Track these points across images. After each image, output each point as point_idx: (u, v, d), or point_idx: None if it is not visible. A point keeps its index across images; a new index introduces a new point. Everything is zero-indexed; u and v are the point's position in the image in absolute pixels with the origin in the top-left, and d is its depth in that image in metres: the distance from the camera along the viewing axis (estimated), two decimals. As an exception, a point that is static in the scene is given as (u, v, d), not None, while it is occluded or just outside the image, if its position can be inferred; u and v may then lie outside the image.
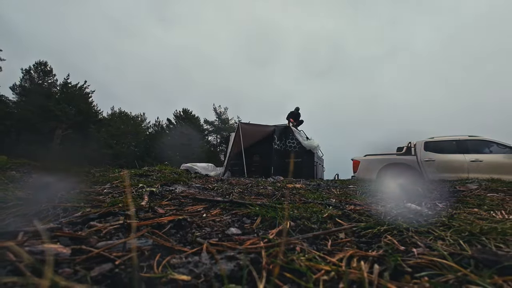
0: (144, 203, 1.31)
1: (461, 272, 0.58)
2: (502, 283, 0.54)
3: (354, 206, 1.47)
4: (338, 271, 0.60)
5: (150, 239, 0.77)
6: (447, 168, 5.40)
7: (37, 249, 0.63)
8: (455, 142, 5.68)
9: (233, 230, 0.94)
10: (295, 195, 2.02)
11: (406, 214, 1.18)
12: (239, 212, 1.24)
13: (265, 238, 0.83)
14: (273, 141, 8.13)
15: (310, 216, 1.14)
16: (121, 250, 0.68)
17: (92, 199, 1.38)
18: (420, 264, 0.64)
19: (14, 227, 0.82)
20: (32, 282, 0.47)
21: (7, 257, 0.56)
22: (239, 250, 0.72)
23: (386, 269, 0.61)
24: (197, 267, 0.61)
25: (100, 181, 2.16)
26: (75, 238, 0.76)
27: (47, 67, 26.83)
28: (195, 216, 1.16)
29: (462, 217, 1.14)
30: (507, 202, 1.61)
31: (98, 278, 0.54)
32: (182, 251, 0.72)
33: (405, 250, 0.75)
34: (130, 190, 1.71)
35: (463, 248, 0.73)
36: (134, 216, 1.06)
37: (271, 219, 1.09)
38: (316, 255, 0.70)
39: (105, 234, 0.83)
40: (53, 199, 1.22)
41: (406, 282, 0.56)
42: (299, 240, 0.82)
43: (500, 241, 0.79)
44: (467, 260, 0.65)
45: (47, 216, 1.03)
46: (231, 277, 0.58)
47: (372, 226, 0.95)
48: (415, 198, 1.81)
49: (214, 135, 35.47)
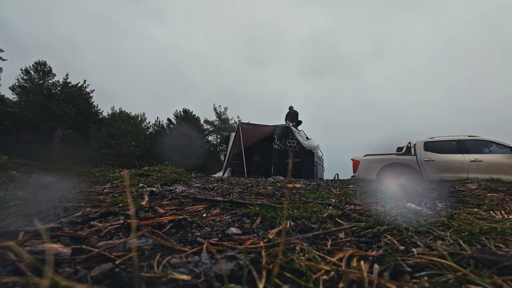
0: (145, 203, 1.31)
1: (460, 272, 0.59)
2: (502, 283, 0.54)
3: (354, 206, 1.47)
4: (338, 271, 0.60)
5: (151, 238, 0.78)
6: (447, 168, 5.40)
7: (38, 249, 0.64)
8: (455, 142, 5.68)
9: (233, 230, 0.94)
10: (295, 195, 2.02)
11: (406, 214, 1.18)
12: (239, 212, 1.24)
13: (265, 237, 0.83)
14: (273, 141, 8.14)
15: (310, 216, 1.14)
16: (122, 250, 0.68)
17: (93, 199, 1.39)
18: (419, 263, 0.64)
19: (15, 226, 0.82)
20: (33, 281, 0.48)
21: (8, 257, 0.56)
22: (239, 250, 0.72)
23: (386, 269, 0.61)
24: (197, 267, 0.61)
25: (101, 181, 2.16)
26: (76, 238, 0.76)
27: (46, 67, 26.86)
28: (195, 215, 1.16)
29: (462, 217, 1.14)
30: (506, 202, 1.61)
31: (98, 278, 0.54)
32: (182, 251, 0.72)
33: (404, 250, 0.75)
34: (130, 190, 1.71)
35: (463, 248, 0.73)
36: (134, 215, 1.07)
37: (271, 219, 1.09)
38: (316, 254, 0.70)
39: (106, 234, 0.83)
40: (54, 199, 1.22)
41: (406, 281, 0.56)
42: (299, 240, 0.82)
43: (499, 241, 0.79)
44: (467, 260, 0.65)
45: (47, 215, 1.03)
46: (231, 277, 0.58)
47: (372, 226, 0.96)
48: (414, 198, 1.81)
49: (214, 135, 35.47)
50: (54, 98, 24.68)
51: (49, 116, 23.19)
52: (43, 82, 26.42)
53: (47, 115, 23.12)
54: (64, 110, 24.11)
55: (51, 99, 24.23)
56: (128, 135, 28.65)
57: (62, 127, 24.06)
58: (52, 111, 23.28)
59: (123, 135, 28.02)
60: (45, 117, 23.03)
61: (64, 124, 24.24)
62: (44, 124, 22.90)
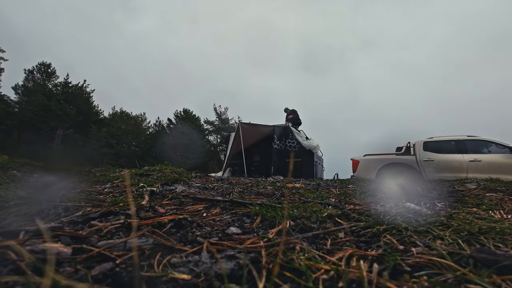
0: (145, 203, 1.32)
1: (460, 272, 0.59)
2: (501, 282, 0.54)
3: (354, 206, 1.47)
4: (337, 270, 0.60)
5: (151, 238, 0.78)
6: (446, 168, 5.42)
7: (38, 248, 0.64)
8: (454, 142, 5.71)
9: (233, 230, 0.95)
10: (294, 195, 2.03)
11: (405, 213, 1.18)
12: (239, 212, 1.24)
13: (265, 237, 0.83)
14: (273, 141, 8.16)
15: (309, 216, 1.14)
16: (122, 249, 0.69)
17: (93, 199, 1.39)
18: (419, 263, 0.65)
19: (16, 226, 0.82)
20: (34, 281, 0.48)
21: (9, 256, 0.57)
22: (239, 249, 0.72)
23: (385, 268, 0.62)
24: (197, 266, 0.61)
25: (101, 181, 2.16)
26: (76, 237, 0.77)
27: (50, 68, 26.96)
28: (195, 215, 1.17)
29: (461, 216, 1.14)
30: (505, 202, 1.61)
31: (99, 277, 0.54)
32: (183, 250, 0.72)
33: (404, 249, 0.75)
34: (130, 190, 1.72)
35: (462, 248, 0.73)
36: (134, 215, 1.07)
37: (271, 219, 1.09)
38: (316, 254, 0.70)
39: (106, 233, 0.83)
40: (54, 199, 1.23)
41: (405, 281, 0.56)
42: (298, 239, 0.82)
43: (498, 241, 0.79)
44: (466, 260, 0.65)
45: (48, 215, 1.04)
46: (231, 276, 0.58)
47: (371, 226, 0.96)
48: (414, 197, 1.81)
49: (214, 135, 35.50)
50: (55, 98, 24.71)
51: (49, 116, 23.23)
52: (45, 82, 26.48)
53: (48, 115, 23.17)
54: (64, 110, 24.15)
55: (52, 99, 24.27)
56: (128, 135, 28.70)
57: (62, 127, 24.11)
58: (52, 111, 23.32)
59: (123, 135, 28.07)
60: (46, 117, 23.08)
61: (64, 124, 24.29)
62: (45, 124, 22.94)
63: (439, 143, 5.86)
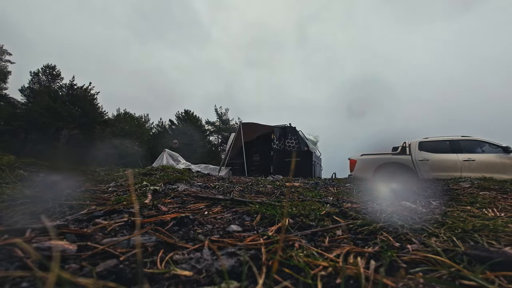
0: (148, 201, 1.34)
1: (454, 268, 0.60)
2: (494, 278, 0.55)
3: (351, 204, 1.48)
4: (335, 267, 0.61)
5: (154, 235, 0.79)
6: (441, 167, 5.45)
7: (44, 246, 0.65)
8: (449, 142, 5.74)
9: (233, 227, 0.96)
10: (293, 194, 2.04)
11: (401, 211, 1.19)
12: (240, 210, 1.26)
13: (264, 235, 0.85)
14: (272, 141, 8.19)
15: (308, 214, 1.16)
16: (126, 247, 0.70)
17: (97, 197, 1.41)
18: (414, 260, 0.66)
19: (22, 224, 0.84)
20: (39, 277, 0.49)
21: (15, 253, 0.58)
22: (239, 247, 0.73)
23: (382, 265, 0.63)
24: (199, 263, 0.63)
25: (105, 180, 2.19)
26: (81, 235, 0.78)
27: (55, 71, 27.15)
28: (197, 213, 1.18)
29: (455, 214, 1.14)
30: (498, 200, 1.61)
31: (103, 274, 0.55)
32: (185, 248, 0.73)
33: (400, 246, 0.76)
34: (134, 189, 1.74)
35: (456, 245, 0.74)
36: (138, 213, 1.09)
37: (271, 217, 1.10)
38: (314, 251, 0.71)
39: (110, 231, 0.85)
40: (60, 197, 1.25)
41: (401, 277, 0.57)
42: (297, 237, 0.84)
43: (492, 238, 0.80)
44: (460, 256, 0.66)
45: (53, 213, 1.06)
46: (232, 273, 0.59)
47: (368, 223, 0.97)
48: (409, 196, 1.82)
49: (215, 136, 35.50)
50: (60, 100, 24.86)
51: (55, 117, 23.36)
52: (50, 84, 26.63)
53: (53, 116, 23.29)
54: (69, 111, 24.28)
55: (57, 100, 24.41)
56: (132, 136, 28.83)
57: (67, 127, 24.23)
58: (58, 112, 23.45)
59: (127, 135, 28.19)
60: (51, 118, 23.20)
61: (69, 125, 24.42)
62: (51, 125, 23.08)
63: (434, 143, 5.90)
